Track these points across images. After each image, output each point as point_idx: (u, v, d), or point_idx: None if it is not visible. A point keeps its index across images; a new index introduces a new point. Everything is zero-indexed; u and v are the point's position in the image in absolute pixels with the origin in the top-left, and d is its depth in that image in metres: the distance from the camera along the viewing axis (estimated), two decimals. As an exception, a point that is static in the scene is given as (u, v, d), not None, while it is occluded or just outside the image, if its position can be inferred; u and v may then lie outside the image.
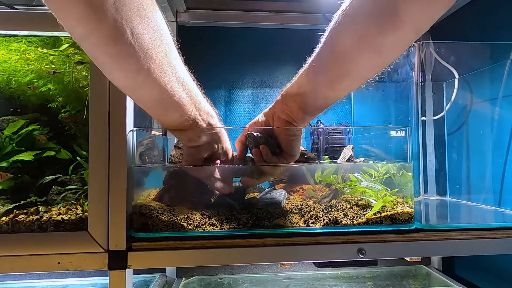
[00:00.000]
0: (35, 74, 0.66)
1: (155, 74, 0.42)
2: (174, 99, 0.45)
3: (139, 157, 0.59)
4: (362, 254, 0.53)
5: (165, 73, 0.43)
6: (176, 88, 0.45)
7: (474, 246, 0.56)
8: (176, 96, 0.45)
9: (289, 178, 0.68)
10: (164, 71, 0.43)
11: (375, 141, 0.86)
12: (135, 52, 0.38)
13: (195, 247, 0.52)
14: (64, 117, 0.65)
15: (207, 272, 1.05)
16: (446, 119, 0.94)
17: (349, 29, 0.44)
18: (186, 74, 0.48)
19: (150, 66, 0.40)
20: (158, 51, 0.41)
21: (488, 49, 0.82)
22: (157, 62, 0.41)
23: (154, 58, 0.41)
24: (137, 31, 0.38)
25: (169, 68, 0.44)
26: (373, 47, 0.43)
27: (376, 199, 0.58)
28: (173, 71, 0.45)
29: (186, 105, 0.48)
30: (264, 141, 0.56)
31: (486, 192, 0.81)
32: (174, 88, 0.45)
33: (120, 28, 0.36)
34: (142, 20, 0.39)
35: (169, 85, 0.44)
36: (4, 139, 0.60)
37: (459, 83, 0.87)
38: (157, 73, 0.42)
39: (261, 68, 1.12)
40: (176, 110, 0.47)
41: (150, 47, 0.40)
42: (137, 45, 0.38)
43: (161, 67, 0.42)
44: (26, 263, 0.50)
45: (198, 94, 0.51)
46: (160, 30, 0.42)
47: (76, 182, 0.61)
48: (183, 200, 0.58)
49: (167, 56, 0.43)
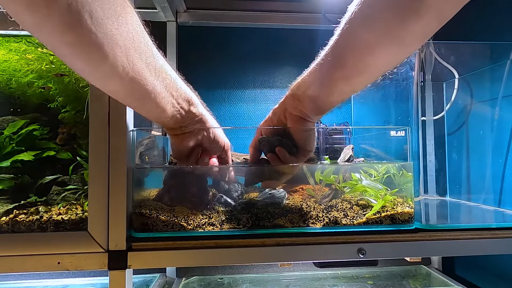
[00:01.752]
0: (35, 74, 0.66)
1: (122, 62, 0.38)
2: (147, 88, 0.42)
3: (139, 157, 0.59)
4: (362, 254, 0.53)
5: (133, 61, 0.39)
6: (148, 76, 0.42)
7: (474, 246, 0.56)
8: (149, 84, 0.42)
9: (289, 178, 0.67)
10: (132, 58, 0.39)
11: (375, 141, 0.86)
12: (97, 38, 0.35)
13: (195, 247, 0.52)
14: (66, 120, 0.65)
15: (207, 272, 1.05)
16: (446, 119, 0.94)
17: (368, 21, 0.42)
18: (159, 60, 0.45)
19: (115, 53, 0.37)
20: (124, 37, 0.38)
21: (488, 49, 0.82)
22: (123, 49, 0.38)
23: (119, 44, 0.37)
24: (96, 15, 0.34)
25: (137, 54, 0.40)
26: (394, 39, 0.41)
27: (376, 199, 0.58)
28: (143, 57, 0.41)
29: (161, 94, 0.45)
30: (279, 143, 0.55)
31: (486, 192, 0.81)
32: (145, 76, 0.42)
33: (76, 12, 0.33)
34: (101, 2, 0.35)
35: (139, 73, 0.41)
36: (4, 139, 0.60)
37: (459, 83, 0.87)
38: (124, 61, 0.38)
39: (261, 68, 1.12)
40: (151, 99, 0.44)
41: (114, 32, 0.36)
42: (98, 31, 0.35)
43: (128, 54, 0.39)
44: (26, 263, 0.50)
45: (175, 81, 0.48)
46: (124, 13, 0.38)
47: (76, 182, 0.61)
48: (183, 200, 0.58)
49: (134, 41, 0.39)
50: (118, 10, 0.37)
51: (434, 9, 0.38)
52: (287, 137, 0.56)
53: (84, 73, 0.40)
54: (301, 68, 0.53)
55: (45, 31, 0.34)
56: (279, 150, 0.55)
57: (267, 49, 1.12)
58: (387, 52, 0.43)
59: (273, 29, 1.11)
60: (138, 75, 0.41)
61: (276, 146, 0.55)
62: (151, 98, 0.44)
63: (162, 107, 0.46)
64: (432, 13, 0.38)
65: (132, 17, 0.39)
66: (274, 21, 1.09)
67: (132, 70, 0.40)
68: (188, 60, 1.08)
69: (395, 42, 0.41)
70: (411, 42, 0.42)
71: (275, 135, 0.56)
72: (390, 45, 0.42)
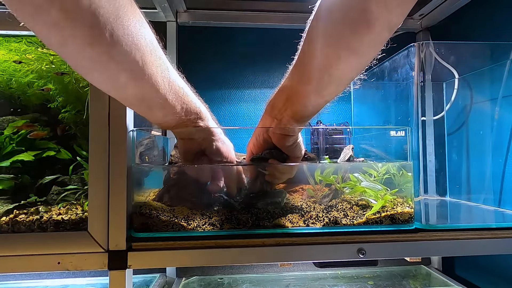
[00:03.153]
0: (35, 74, 0.66)
1: (139, 75, 0.40)
2: (159, 100, 0.45)
3: (139, 157, 0.59)
4: (362, 254, 0.53)
5: (149, 73, 0.42)
6: (161, 89, 0.44)
7: (474, 246, 0.56)
8: (161, 96, 0.44)
9: (289, 178, 0.68)
10: (148, 71, 0.41)
11: (375, 141, 0.86)
12: (116, 53, 0.37)
13: (195, 247, 0.52)
14: (66, 120, 0.65)
15: (207, 272, 1.05)
16: (446, 119, 0.94)
17: (323, 34, 0.45)
18: (173, 73, 0.47)
19: (133, 67, 0.39)
20: (142, 51, 0.40)
21: (488, 49, 0.82)
22: (140, 63, 0.40)
23: (137, 59, 0.39)
24: (117, 33, 0.36)
25: (154, 68, 0.42)
26: (350, 49, 0.43)
27: (376, 199, 0.58)
28: (158, 71, 0.43)
29: (171, 105, 0.47)
30: (270, 156, 0.57)
31: (486, 192, 0.81)
32: (159, 89, 0.44)
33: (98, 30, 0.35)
34: (121, 20, 0.37)
35: (153, 85, 0.43)
36: (4, 139, 0.60)
37: (459, 83, 0.87)
38: (141, 74, 0.41)
39: (261, 68, 1.12)
40: (161, 109, 0.46)
41: (132, 47, 0.39)
42: (117, 46, 0.37)
43: (145, 67, 0.41)
44: (26, 263, 0.50)
45: (187, 94, 0.50)
46: (142, 29, 0.40)
47: (76, 182, 0.61)
48: (183, 200, 0.58)
49: (151, 55, 0.42)
50: (137, 26, 0.39)
51: (382, 19, 0.40)
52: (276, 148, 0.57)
53: (101, 85, 0.42)
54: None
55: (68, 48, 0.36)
56: (272, 161, 0.57)
57: (267, 49, 1.12)
58: (347, 63, 0.45)
59: (273, 29, 1.11)
60: (153, 87, 0.43)
61: (267, 159, 0.57)
62: (160, 108, 0.46)
63: (170, 117, 0.48)
64: (381, 23, 0.40)
65: (149, 32, 0.42)
66: (274, 21, 1.09)
67: (148, 82, 0.42)
68: (188, 60, 1.08)
69: (352, 54, 0.44)
70: (367, 51, 0.44)
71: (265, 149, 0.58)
72: (348, 57, 0.44)
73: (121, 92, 0.43)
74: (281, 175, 0.59)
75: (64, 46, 0.36)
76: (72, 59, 0.38)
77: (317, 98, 0.51)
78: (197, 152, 0.56)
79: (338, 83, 0.49)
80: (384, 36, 0.43)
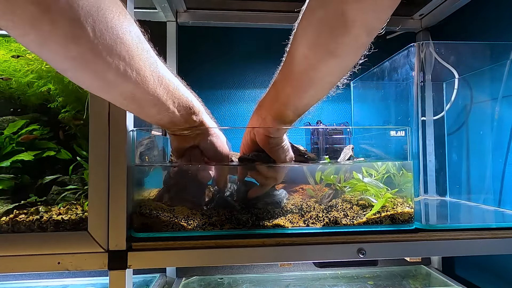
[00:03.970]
0: (35, 74, 0.66)
1: (126, 72, 0.39)
2: (149, 95, 0.43)
3: (139, 157, 0.59)
4: (362, 254, 0.53)
5: (137, 69, 0.40)
6: (151, 84, 0.42)
7: (474, 246, 0.56)
8: (151, 92, 0.43)
9: (289, 178, 0.68)
10: (136, 67, 0.40)
11: (375, 141, 0.86)
12: (100, 50, 0.35)
13: (195, 247, 0.52)
14: (66, 121, 0.65)
15: (207, 272, 1.05)
16: (446, 119, 0.94)
17: (303, 36, 0.45)
18: (161, 67, 0.45)
19: (119, 63, 0.38)
20: (127, 46, 0.38)
21: (488, 49, 0.82)
22: (127, 58, 0.38)
23: (122, 54, 0.38)
24: (100, 27, 0.34)
25: (141, 62, 0.40)
26: (329, 52, 0.43)
27: (377, 198, 0.58)
28: (146, 64, 0.41)
29: (163, 101, 0.45)
30: (256, 157, 0.57)
31: (486, 192, 0.81)
32: (148, 84, 0.42)
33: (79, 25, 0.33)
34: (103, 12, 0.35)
35: (142, 81, 0.41)
36: (4, 139, 0.60)
37: (459, 83, 0.87)
38: (128, 70, 0.39)
39: (261, 68, 1.12)
40: (153, 106, 0.45)
41: (117, 42, 0.37)
42: (101, 43, 0.35)
43: (132, 63, 0.39)
44: (26, 263, 0.50)
45: (177, 88, 0.48)
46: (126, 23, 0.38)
47: (76, 182, 0.61)
48: (183, 200, 0.58)
49: (137, 49, 0.40)
50: (121, 19, 0.37)
51: (359, 22, 0.40)
52: None
53: (87, 84, 0.41)
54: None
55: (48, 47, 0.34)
56: (257, 165, 0.57)
57: (267, 49, 1.12)
58: (326, 65, 0.45)
59: (273, 29, 1.11)
60: (141, 83, 0.41)
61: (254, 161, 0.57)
62: (152, 104, 0.45)
63: (162, 114, 0.47)
64: (358, 26, 0.41)
65: (133, 25, 0.40)
66: (274, 21, 1.09)
67: (136, 78, 0.40)
68: (188, 60, 1.08)
69: (331, 56, 0.44)
70: (346, 55, 0.44)
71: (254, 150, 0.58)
72: (326, 59, 0.44)
73: (109, 91, 0.41)
74: (265, 180, 0.57)
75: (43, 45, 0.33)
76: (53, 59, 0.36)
77: (296, 100, 0.51)
78: (190, 146, 0.55)
79: (317, 87, 0.49)
80: (363, 40, 0.43)
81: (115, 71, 0.38)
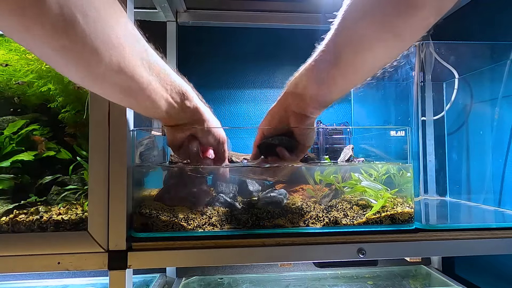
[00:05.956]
0: (35, 74, 0.66)
1: (118, 63, 0.37)
2: (143, 85, 0.42)
3: (139, 157, 0.59)
4: (362, 254, 0.53)
5: (129, 59, 0.38)
6: (143, 73, 0.41)
7: (474, 246, 0.56)
8: (144, 82, 0.42)
9: (289, 178, 0.68)
10: (128, 57, 0.38)
11: (375, 141, 0.86)
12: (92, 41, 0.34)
13: (195, 247, 0.52)
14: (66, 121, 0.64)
15: (207, 272, 1.05)
16: (446, 119, 0.94)
17: (366, 15, 0.42)
18: (153, 55, 0.43)
19: (111, 54, 0.36)
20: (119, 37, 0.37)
21: (488, 49, 0.82)
22: (119, 49, 0.37)
23: (115, 44, 0.36)
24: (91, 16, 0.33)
25: (134, 52, 0.39)
26: (393, 33, 0.41)
27: (376, 199, 0.58)
28: (137, 54, 0.40)
29: (156, 89, 0.44)
30: (279, 142, 0.56)
31: (486, 192, 0.81)
32: (141, 74, 0.41)
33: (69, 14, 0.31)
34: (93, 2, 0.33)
35: (135, 71, 0.40)
36: (4, 139, 0.60)
37: (459, 83, 0.87)
38: (120, 61, 0.37)
39: (261, 68, 1.12)
40: (147, 96, 0.43)
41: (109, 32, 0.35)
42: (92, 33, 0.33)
43: (124, 53, 0.38)
44: (26, 263, 0.50)
45: (169, 75, 0.47)
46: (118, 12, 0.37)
47: (76, 182, 0.61)
48: (183, 200, 0.58)
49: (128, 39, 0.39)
50: (112, 9, 0.36)
51: (433, 2, 0.38)
52: (286, 135, 0.57)
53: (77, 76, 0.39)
54: (301, 68, 0.53)
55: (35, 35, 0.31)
56: (280, 150, 0.56)
57: (266, 49, 1.12)
58: (385, 46, 0.43)
59: (272, 29, 1.11)
60: (134, 74, 0.40)
61: (276, 146, 0.56)
62: (146, 94, 0.43)
63: (157, 103, 0.46)
64: (430, 6, 0.38)
65: (123, 15, 0.39)
66: (273, 21, 1.09)
67: (128, 69, 0.39)
68: (188, 60, 1.08)
69: (394, 37, 0.41)
70: (410, 36, 0.42)
71: (275, 135, 0.57)
72: (388, 40, 0.42)
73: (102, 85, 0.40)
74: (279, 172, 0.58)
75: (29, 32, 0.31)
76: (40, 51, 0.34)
77: (342, 81, 0.48)
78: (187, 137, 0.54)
79: (368, 68, 0.46)
80: (430, 21, 0.40)
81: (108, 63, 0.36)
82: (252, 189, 0.63)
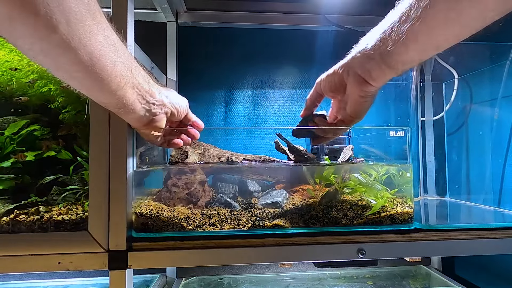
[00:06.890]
0: (36, 75, 0.66)
1: (78, 33, 0.35)
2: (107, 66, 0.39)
3: (139, 157, 0.59)
4: (362, 254, 0.53)
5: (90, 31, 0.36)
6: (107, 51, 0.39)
7: (474, 246, 0.56)
8: (109, 62, 0.39)
9: (289, 178, 0.68)
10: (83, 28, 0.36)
11: (375, 141, 0.86)
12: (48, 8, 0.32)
13: (195, 247, 0.52)
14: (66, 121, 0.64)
15: (207, 272, 1.05)
16: (445, 119, 0.94)
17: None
18: (113, 33, 0.40)
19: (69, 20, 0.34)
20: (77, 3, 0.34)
21: (488, 49, 0.82)
22: (79, 16, 0.35)
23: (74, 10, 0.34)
24: None
25: (95, 25, 0.37)
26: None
27: (376, 199, 0.58)
28: (99, 28, 0.37)
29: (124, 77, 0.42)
30: None
31: (486, 192, 0.81)
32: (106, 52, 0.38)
33: None
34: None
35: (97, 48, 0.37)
36: (5, 140, 0.60)
37: (459, 83, 0.87)
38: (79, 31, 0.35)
39: (261, 68, 1.12)
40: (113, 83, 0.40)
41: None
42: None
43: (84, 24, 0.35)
44: (26, 263, 0.50)
45: (137, 67, 0.45)
46: None
47: (76, 182, 0.61)
48: (183, 200, 0.58)
49: (88, 6, 0.36)
50: None
51: None
52: None
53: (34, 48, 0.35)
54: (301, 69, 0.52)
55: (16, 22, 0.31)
56: (319, 120, 0.60)
57: (267, 50, 1.12)
58: None
59: (273, 29, 1.11)
60: (96, 50, 0.37)
61: (315, 120, 0.62)
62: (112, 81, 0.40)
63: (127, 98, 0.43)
64: None
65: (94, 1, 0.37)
66: (274, 21, 1.09)
67: (89, 42, 0.36)
68: (188, 60, 1.08)
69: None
70: None
71: None
72: None
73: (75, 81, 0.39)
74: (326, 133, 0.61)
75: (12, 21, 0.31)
76: None
77: (426, 39, 0.42)
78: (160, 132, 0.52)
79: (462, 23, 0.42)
80: None
81: (65, 31, 0.34)
82: (252, 189, 0.64)
